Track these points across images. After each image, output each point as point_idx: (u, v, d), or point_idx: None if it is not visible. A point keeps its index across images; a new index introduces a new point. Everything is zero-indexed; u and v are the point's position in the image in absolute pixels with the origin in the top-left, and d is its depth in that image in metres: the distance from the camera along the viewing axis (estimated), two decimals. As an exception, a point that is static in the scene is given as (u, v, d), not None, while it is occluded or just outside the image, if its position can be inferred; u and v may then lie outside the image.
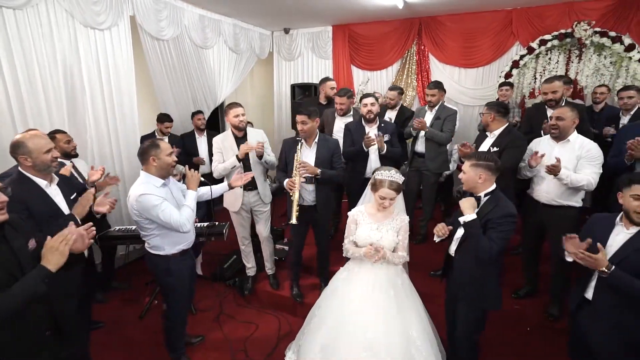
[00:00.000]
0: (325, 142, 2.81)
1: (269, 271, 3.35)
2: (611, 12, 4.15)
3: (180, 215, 2.09)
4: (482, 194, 1.98)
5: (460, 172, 2.91)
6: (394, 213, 2.20)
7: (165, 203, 2.05)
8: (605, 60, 4.23)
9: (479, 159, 1.97)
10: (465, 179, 2.01)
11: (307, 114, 2.67)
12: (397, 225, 2.16)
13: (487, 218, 1.92)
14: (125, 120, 3.69)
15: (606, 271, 1.63)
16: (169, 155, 2.12)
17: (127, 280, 3.54)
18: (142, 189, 2.04)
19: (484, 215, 1.94)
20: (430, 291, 2.99)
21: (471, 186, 2.00)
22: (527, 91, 4.70)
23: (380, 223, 2.16)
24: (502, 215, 1.88)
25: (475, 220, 1.91)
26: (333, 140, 2.90)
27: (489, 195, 1.98)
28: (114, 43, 3.43)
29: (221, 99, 5.10)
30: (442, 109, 3.50)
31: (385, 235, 2.11)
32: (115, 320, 3.00)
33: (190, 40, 4.32)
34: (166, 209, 2.04)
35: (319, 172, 2.67)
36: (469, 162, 2.00)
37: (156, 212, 2.02)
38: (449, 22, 4.94)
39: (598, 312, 1.75)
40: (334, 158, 2.79)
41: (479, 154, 2.04)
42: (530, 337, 2.67)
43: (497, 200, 1.94)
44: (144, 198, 2.00)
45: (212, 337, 2.83)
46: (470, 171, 1.98)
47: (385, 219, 2.17)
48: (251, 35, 5.48)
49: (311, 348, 2.14)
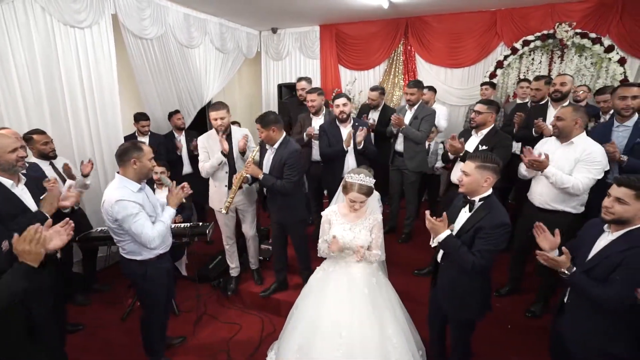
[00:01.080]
0: (283, 150, 2.70)
1: (253, 266, 3.37)
2: (591, 14, 4.23)
3: (153, 229, 2.02)
4: (477, 198, 1.85)
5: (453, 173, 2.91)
6: (367, 212, 2.20)
7: (141, 214, 1.99)
8: (586, 61, 4.31)
9: (485, 160, 1.81)
10: (468, 181, 1.84)
11: (261, 124, 2.65)
12: (370, 224, 2.18)
13: (478, 226, 1.80)
14: (107, 120, 3.63)
15: (566, 273, 1.62)
16: (150, 160, 2.08)
17: (109, 282, 3.50)
18: (118, 194, 1.95)
19: (476, 222, 1.81)
20: (413, 289, 3.03)
21: (473, 189, 1.84)
22: (511, 91, 4.76)
23: (353, 223, 2.17)
24: (494, 225, 1.75)
25: (449, 237, 1.82)
26: (291, 148, 2.71)
27: (483, 201, 1.85)
28: (94, 42, 3.37)
29: (207, 98, 5.06)
30: (421, 108, 3.53)
31: (358, 235, 2.12)
32: (96, 323, 2.96)
33: (175, 39, 4.28)
34: (140, 220, 1.97)
35: (261, 176, 2.70)
36: (473, 163, 1.83)
37: (129, 223, 1.95)
38: (434, 23, 4.98)
39: (573, 316, 1.73)
40: (285, 168, 2.66)
41: (482, 154, 1.86)
42: (511, 335, 2.70)
43: (491, 207, 1.81)
44: (120, 205, 1.92)
45: (194, 339, 2.81)
46: (475, 173, 1.81)
47: (358, 218, 2.18)
48: (238, 34, 5.45)
49: (289, 348, 2.14)
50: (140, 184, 2.08)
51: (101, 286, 3.43)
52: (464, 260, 1.78)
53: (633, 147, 2.48)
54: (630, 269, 1.47)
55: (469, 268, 1.77)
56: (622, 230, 1.56)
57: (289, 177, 2.66)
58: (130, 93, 4.27)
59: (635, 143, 2.44)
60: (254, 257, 3.36)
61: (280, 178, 2.68)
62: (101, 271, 3.65)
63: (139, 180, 2.07)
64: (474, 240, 1.82)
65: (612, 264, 1.52)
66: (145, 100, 4.22)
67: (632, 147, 2.49)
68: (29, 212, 1.94)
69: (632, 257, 1.47)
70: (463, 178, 1.87)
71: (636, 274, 1.46)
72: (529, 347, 2.52)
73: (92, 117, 3.49)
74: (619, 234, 1.56)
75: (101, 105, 3.54)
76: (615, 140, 2.54)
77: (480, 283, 1.92)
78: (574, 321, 1.72)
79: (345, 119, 3.21)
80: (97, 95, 3.49)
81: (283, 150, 2.68)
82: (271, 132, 2.63)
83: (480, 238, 1.79)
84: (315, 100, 3.48)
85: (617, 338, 1.59)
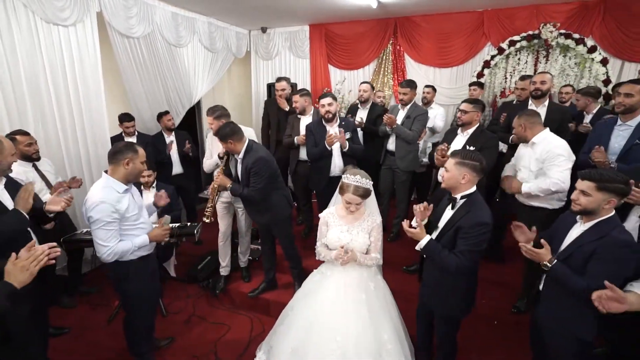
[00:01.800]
0: (247, 159, 2.67)
1: (242, 264, 3.38)
2: (575, 15, 4.30)
3: (117, 245, 1.97)
4: (459, 195, 1.89)
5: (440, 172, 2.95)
6: (365, 214, 2.17)
7: (113, 224, 1.95)
8: (570, 61, 4.39)
9: (465, 158, 1.85)
10: (447, 177, 1.89)
11: (219, 137, 2.65)
12: (369, 226, 2.13)
13: (458, 225, 1.82)
14: (93, 121, 3.58)
15: (548, 265, 1.68)
16: (142, 164, 2.08)
17: (96, 284, 3.45)
18: (102, 195, 1.93)
19: (456, 221, 1.84)
20: (403, 288, 3.04)
21: (452, 185, 1.89)
22: (498, 91, 4.82)
23: (350, 225, 2.14)
24: (473, 225, 1.76)
25: (429, 243, 1.85)
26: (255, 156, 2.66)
27: (465, 199, 1.87)
28: (79, 40, 3.31)
29: (196, 98, 5.02)
30: (413, 108, 3.55)
31: (355, 237, 2.09)
32: (82, 325, 2.93)
33: (163, 38, 4.24)
34: (110, 230, 1.93)
35: (229, 185, 2.72)
36: (453, 159, 1.88)
37: (97, 226, 1.91)
38: (423, 23, 5.01)
39: (546, 304, 1.79)
40: (250, 176, 2.64)
41: (464, 152, 1.90)
42: (497, 330, 2.74)
43: (471, 206, 1.83)
44: (101, 207, 1.90)
45: (182, 340, 2.79)
46: (454, 169, 1.86)
47: (356, 220, 2.14)
48: (227, 34, 5.41)
49: (282, 350, 2.13)
50: (126, 185, 2.05)
51: (87, 288, 3.39)
52: (447, 263, 1.80)
53: (631, 148, 2.41)
54: (603, 259, 1.55)
55: (453, 271, 1.79)
56: (593, 221, 1.64)
57: (254, 184, 2.64)
58: (117, 93, 4.21)
59: (634, 144, 2.39)
60: (244, 253, 3.38)
61: (248, 186, 2.67)
62: (88, 273, 3.59)
63: (127, 182, 2.05)
64: (455, 240, 1.83)
65: (585, 253, 1.60)
66: (132, 100, 4.17)
67: (630, 147, 2.42)
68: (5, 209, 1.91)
69: (603, 247, 1.55)
70: (445, 174, 1.92)
71: (609, 264, 1.53)
72: (514, 342, 2.56)
73: (77, 117, 3.43)
74: (590, 225, 1.65)
75: (87, 105, 3.49)
76: (614, 139, 2.51)
77: (464, 282, 1.93)
78: (547, 308, 1.79)
79: (330, 118, 3.22)
80: (83, 95, 3.43)
81: (248, 158, 2.65)
82: (230, 145, 2.62)
83: (460, 238, 1.81)
84: (298, 102, 3.54)
85: (582, 322, 1.67)
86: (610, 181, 1.57)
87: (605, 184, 1.57)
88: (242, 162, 2.70)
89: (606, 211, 1.61)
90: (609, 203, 1.59)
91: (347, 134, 3.24)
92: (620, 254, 1.52)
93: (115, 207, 1.94)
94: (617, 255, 1.53)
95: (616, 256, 1.53)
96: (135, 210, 2.08)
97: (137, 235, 2.09)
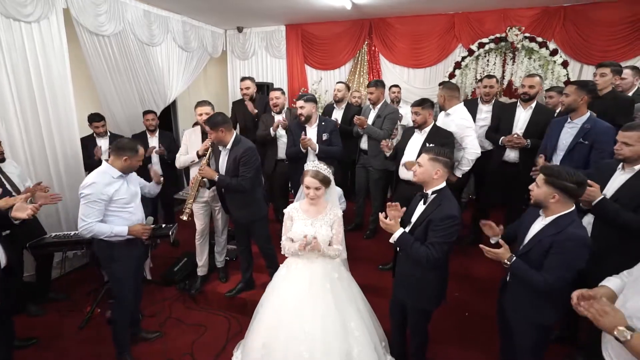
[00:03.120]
0: (235, 149, 2.71)
1: (218, 264, 3.37)
2: (538, 20, 4.54)
3: (96, 223, 2.20)
4: (430, 191, 1.98)
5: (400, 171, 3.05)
6: (327, 208, 2.23)
7: (97, 204, 2.18)
8: (534, 63, 4.62)
9: (439, 154, 1.94)
10: (420, 171, 1.97)
11: (209, 125, 2.67)
12: (331, 219, 2.20)
13: (429, 218, 1.90)
14: (60, 122, 3.45)
15: (507, 263, 1.77)
16: (139, 161, 2.36)
17: (66, 290, 3.33)
18: (95, 177, 2.20)
19: (427, 215, 1.93)
20: (378, 284, 3.12)
21: (424, 180, 1.98)
22: (469, 91, 5.00)
23: (314, 218, 2.19)
24: (442, 217, 1.85)
25: (402, 235, 1.93)
26: (245, 146, 2.72)
27: (436, 194, 1.96)
28: (44, 37, 3.19)
29: (171, 98, 4.94)
30: (384, 107, 3.64)
31: (319, 230, 2.15)
32: (51, 334, 2.81)
33: (135, 36, 4.14)
34: (92, 209, 2.17)
35: (216, 177, 2.73)
36: (427, 155, 1.97)
37: (84, 201, 2.16)
38: (397, 24, 5.13)
39: (512, 292, 1.90)
40: (239, 166, 2.68)
41: (436, 149, 2.00)
42: (468, 322, 2.84)
43: (442, 200, 1.93)
44: (92, 186, 2.16)
45: (158, 343, 2.75)
46: (428, 165, 1.95)
47: (319, 214, 2.20)
48: (202, 33, 5.35)
49: (253, 347, 2.15)
50: (122, 172, 2.30)
51: (57, 295, 3.26)
52: (419, 254, 1.88)
53: (576, 145, 2.55)
54: (558, 253, 1.62)
55: (424, 262, 1.87)
56: (553, 216, 1.71)
57: (244, 173, 2.66)
58: (87, 93, 4.08)
59: (578, 142, 2.54)
60: (221, 253, 3.37)
61: (236, 177, 2.69)
62: (58, 279, 3.47)
63: (123, 172, 2.30)
64: (427, 233, 1.91)
65: (543, 247, 1.67)
66: (103, 101, 4.05)
67: (574, 145, 2.56)
68: None
69: (559, 242, 1.62)
70: (417, 169, 2.00)
71: (563, 257, 1.61)
72: (484, 333, 2.67)
73: (43, 117, 3.30)
74: (550, 220, 1.71)
75: (54, 105, 3.37)
76: (563, 135, 2.66)
77: (434, 275, 2.01)
78: (513, 296, 1.89)
79: (304, 121, 3.29)
80: (50, 95, 3.31)
81: (237, 149, 2.68)
82: (220, 133, 2.64)
83: (431, 230, 1.89)
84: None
85: (544, 309, 1.76)
86: (558, 177, 1.63)
87: (552, 178, 1.65)
88: (229, 154, 2.72)
89: (564, 207, 1.67)
90: (553, 198, 1.66)
91: (325, 135, 3.29)
92: (573, 248, 1.60)
93: (104, 190, 2.19)
94: (570, 249, 1.60)
95: (569, 250, 1.60)
96: (126, 196, 2.30)
97: (124, 218, 2.31)
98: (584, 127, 2.54)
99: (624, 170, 2.02)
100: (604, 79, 2.82)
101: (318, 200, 2.17)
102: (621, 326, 1.18)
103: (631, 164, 1.97)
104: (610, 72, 2.80)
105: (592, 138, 2.48)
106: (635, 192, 1.92)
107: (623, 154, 1.96)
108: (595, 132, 2.47)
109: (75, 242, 3.03)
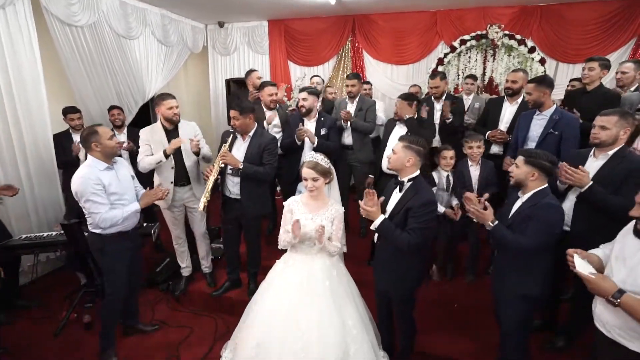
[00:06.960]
0: (259, 138, 2.73)
1: (205, 269, 3.23)
2: (516, 18, 4.66)
3: (108, 212, 2.19)
4: (406, 179, 2.01)
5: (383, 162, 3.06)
6: (329, 203, 2.19)
7: (97, 195, 2.16)
8: (514, 60, 4.73)
9: (412, 142, 1.99)
10: (394, 158, 2.02)
11: (239, 110, 2.61)
12: (332, 215, 2.16)
13: (407, 206, 1.94)
14: (31, 117, 3.26)
15: (490, 225, 1.91)
16: (111, 139, 2.25)
17: (37, 296, 3.13)
18: (83, 172, 2.17)
19: (405, 202, 1.96)
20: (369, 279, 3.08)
21: (397, 167, 2.03)
22: (451, 87, 5.08)
23: (315, 213, 2.14)
24: (421, 204, 1.90)
25: (383, 221, 1.94)
26: (269, 136, 2.81)
27: (411, 182, 2.00)
28: (10, 25, 2.99)
29: (150, 93, 4.76)
30: (362, 100, 3.64)
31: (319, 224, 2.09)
32: (22, 343, 2.64)
33: (111, 28, 3.96)
34: (97, 201, 2.16)
35: (241, 165, 2.63)
36: (401, 142, 2.02)
37: (85, 197, 2.14)
38: (380, 21, 5.15)
39: (497, 266, 2.02)
40: (264, 154, 2.70)
41: (411, 137, 2.05)
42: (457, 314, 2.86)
43: (418, 188, 1.97)
44: (82, 181, 2.13)
45: (142, 347, 2.63)
46: (400, 152, 1.99)
47: (320, 209, 2.15)
48: (182, 27, 5.19)
49: (247, 345, 2.07)
50: (108, 163, 2.26)
51: (27, 302, 3.05)
52: (400, 241, 1.91)
53: (547, 136, 2.64)
54: (535, 220, 1.81)
55: (405, 248, 1.90)
56: (529, 193, 1.91)
57: (270, 162, 2.72)
58: (61, 87, 3.86)
59: (548, 133, 2.64)
60: (206, 258, 3.21)
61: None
62: (29, 284, 3.27)
63: (107, 160, 2.26)
64: (406, 220, 1.96)
65: (523, 217, 1.88)
66: (78, 95, 3.86)
67: (545, 136, 2.65)
68: None
69: (535, 210, 1.84)
70: (392, 156, 2.05)
71: (540, 223, 1.80)
72: (472, 323, 2.71)
73: (11, 113, 3.10)
74: (528, 196, 1.91)
75: (24, 100, 3.17)
76: (533, 127, 2.76)
77: (413, 260, 2.04)
78: (498, 269, 2.02)
79: (305, 113, 3.26)
80: (17, 89, 3.12)
81: (259, 138, 2.73)
82: (248, 120, 2.65)
83: (411, 217, 1.93)
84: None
85: (527, 279, 1.89)
86: (537, 157, 1.86)
87: (531, 158, 1.87)
88: (250, 142, 2.72)
89: (540, 184, 1.88)
90: (533, 176, 1.86)
91: (323, 130, 3.25)
92: (548, 215, 1.81)
93: (96, 180, 2.16)
94: (546, 216, 1.81)
95: (545, 217, 1.81)
96: (118, 190, 2.27)
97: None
98: (553, 117, 2.65)
99: (596, 157, 2.12)
100: (592, 72, 2.89)
101: (318, 193, 2.12)
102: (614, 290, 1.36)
103: (604, 150, 2.07)
104: (598, 66, 2.86)
105: (561, 128, 2.60)
106: (613, 176, 2.01)
107: (599, 137, 2.04)
108: (563, 122, 2.61)
109: (48, 244, 2.87)
